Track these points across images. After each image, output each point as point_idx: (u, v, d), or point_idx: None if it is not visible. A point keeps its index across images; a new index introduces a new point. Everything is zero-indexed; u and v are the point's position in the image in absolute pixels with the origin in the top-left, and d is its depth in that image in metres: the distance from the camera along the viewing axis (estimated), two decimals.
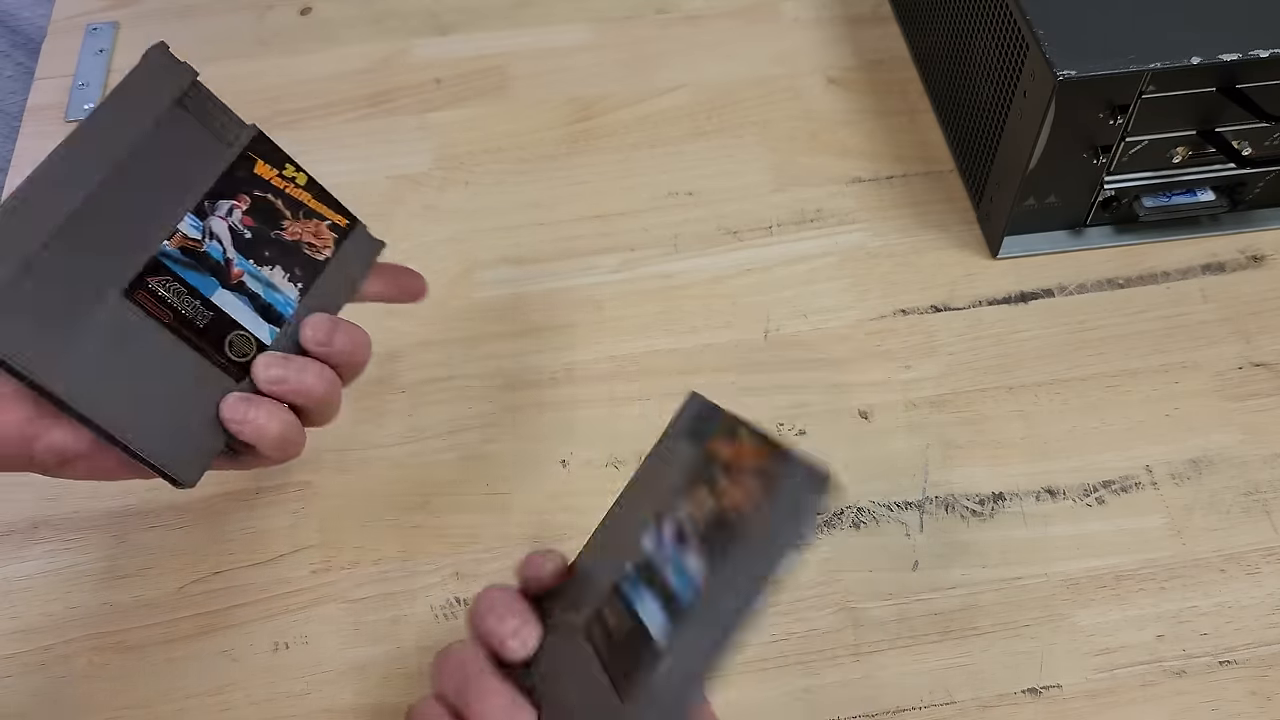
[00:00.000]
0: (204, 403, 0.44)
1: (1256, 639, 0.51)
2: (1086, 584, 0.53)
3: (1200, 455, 0.57)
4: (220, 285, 0.45)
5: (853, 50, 0.76)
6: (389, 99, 0.74)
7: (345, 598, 0.54)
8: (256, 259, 0.46)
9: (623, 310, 0.64)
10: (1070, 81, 0.55)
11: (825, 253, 0.66)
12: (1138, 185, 0.62)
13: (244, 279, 0.46)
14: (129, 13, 0.80)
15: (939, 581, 0.54)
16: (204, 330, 0.44)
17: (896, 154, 0.71)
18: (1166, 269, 0.64)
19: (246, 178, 0.46)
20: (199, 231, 0.45)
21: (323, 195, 0.49)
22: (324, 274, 0.48)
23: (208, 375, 0.44)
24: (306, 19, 0.79)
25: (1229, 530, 0.55)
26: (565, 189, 0.69)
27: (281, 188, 0.47)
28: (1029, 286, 0.64)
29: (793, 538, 0.35)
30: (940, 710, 0.50)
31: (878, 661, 0.51)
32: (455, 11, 0.79)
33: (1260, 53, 0.55)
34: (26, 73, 0.79)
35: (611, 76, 0.75)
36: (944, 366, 0.61)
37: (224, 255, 0.45)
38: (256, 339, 0.45)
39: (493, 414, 0.60)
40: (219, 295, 0.45)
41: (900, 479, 0.57)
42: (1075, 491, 0.56)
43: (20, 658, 0.52)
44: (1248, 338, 0.61)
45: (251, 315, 0.45)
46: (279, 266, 0.47)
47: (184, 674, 0.52)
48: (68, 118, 0.73)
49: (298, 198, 0.48)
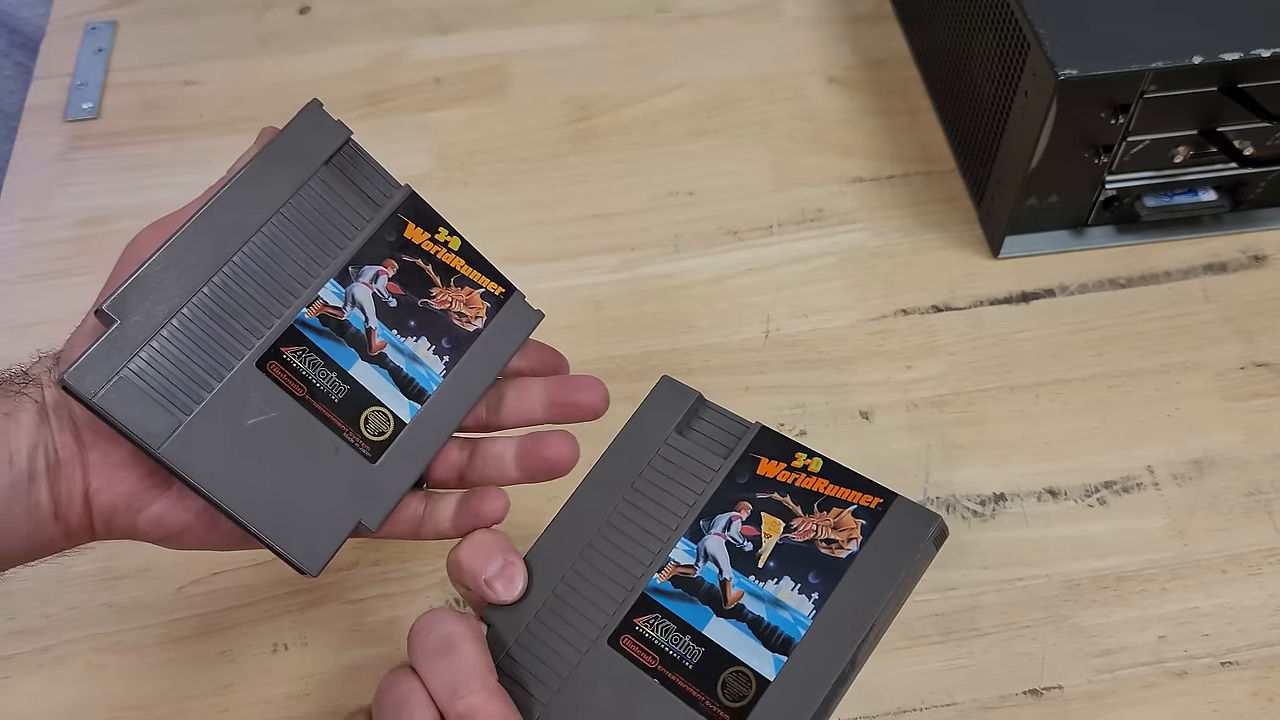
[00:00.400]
0: (335, 484, 0.41)
1: (1258, 640, 0.51)
2: (1088, 585, 0.53)
3: (1202, 456, 0.57)
4: (360, 357, 0.42)
5: (853, 50, 0.76)
6: (389, 98, 0.74)
7: (345, 598, 0.54)
8: (400, 329, 0.43)
9: (623, 310, 0.64)
10: (1072, 81, 0.55)
11: (826, 252, 0.66)
12: (1139, 185, 0.62)
13: (385, 350, 0.43)
14: (128, 12, 0.80)
15: (940, 582, 0.53)
16: (339, 405, 0.41)
17: (897, 153, 0.70)
18: (1168, 269, 0.64)
19: (395, 241, 0.44)
20: (340, 299, 0.42)
21: (477, 261, 0.45)
22: (474, 346, 0.44)
23: (340, 454, 0.41)
24: (306, 18, 0.79)
25: (1231, 531, 0.55)
26: (565, 189, 0.69)
27: (433, 252, 0.44)
28: (1030, 286, 0.64)
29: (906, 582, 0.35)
30: (941, 711, 0.50)
31: (878, 662, 0.51)
32: (455, 11, 0.79)
33: (1262, 52, 0.55)
34: (25, 72, 0.79)
35: (611, 76, 0.75)
36: (945, 366, 0.61)
37: (365, 325, 0.42)
38: (395, 416, 0.42)
39: None
40: (357, 368, 0.42)
41: (901, 479, 0.57)
42: (1077, 492, 0.56)
43: (19, 658, 0.52)
44: (1249, 338, 0.61)
45: (391, 390, 0.42)
46: (424, 337, 0.43)
47: (183, 675, 0.52)
48: (66, 117, 0.73)
49: (449, 263, 0.44)
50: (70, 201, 0.69)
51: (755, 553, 0.38)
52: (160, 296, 0.39)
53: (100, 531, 0.41)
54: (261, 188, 0.42)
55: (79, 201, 0.69)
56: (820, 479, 0.39)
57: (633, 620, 0.38)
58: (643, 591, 0.38)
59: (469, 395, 0.44)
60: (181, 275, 0.40)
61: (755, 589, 0.37)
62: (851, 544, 0.37)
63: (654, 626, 0.37)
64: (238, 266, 0.40)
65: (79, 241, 0.67)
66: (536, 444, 0.44)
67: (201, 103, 0.74)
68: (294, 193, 0.42)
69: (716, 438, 0.41)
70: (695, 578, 0.38)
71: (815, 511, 0.38)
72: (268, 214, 0.41)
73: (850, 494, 0.38)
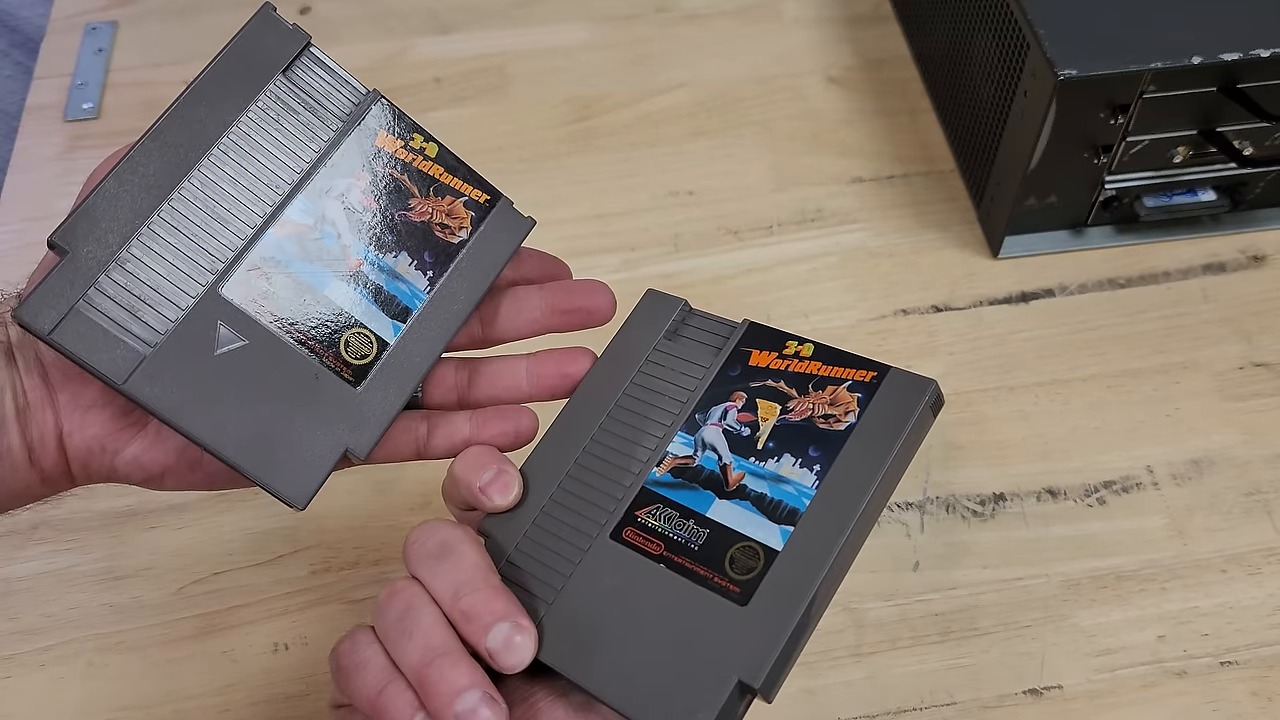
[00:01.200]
0: (317, 413, 0.38)
1: (1258, 640, 0.51)
2: (1087, 584, 0.53)
3: (1201, 455, 0.57)
4: (334, 276, 0.40)
5: (853, 50, 0.76)
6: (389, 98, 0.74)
7: (345, 598, 0.54)
8: (377, 244, 0.40)
9: (623, 310, 0.63)
10: (1071, 81, 0.55)
11: (826, 252, 0.66)
12: (1139, 185, 0.62)
13: (363, 268, 0.40)
14: (128, 12, 0.80)
15: (940, 582, 0.53)
16: (314, 329, 0.39)
17: (897, 154, 0.70)
18: (1167, 269, 0.64)
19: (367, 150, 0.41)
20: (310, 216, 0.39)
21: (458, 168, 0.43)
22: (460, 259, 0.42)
23: (320, 380, 0.39)
24: (306, 19, 0.79)
25: (1230, 531, 0.55)
26: (565, 189, 0.69)
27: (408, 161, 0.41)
28: (1030, 286, 0.64)
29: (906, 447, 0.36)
30: (941, 711, 0.50)
31: (879, 662, 0.51)
32: (455, 11, 0.79)
33: (1261, 52, 0.55)
34: (25, 72, 0.79)
35: (611, 76, 0.75)
36: (945, 366, 0.61)
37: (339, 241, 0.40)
38: (378, 336, 0.40)
39: None
40: (333, 288, 0.39)
41: (901, 479, 0.57)
42: (1076, 492, 0.56)
43: (20, 658, 0.52)
44: (1249, 338, 0.61)
45: (371, 309, 0.40)
46: (404, 252, 0.41)
47: (184, 674, 0.52)
48: (67, 117, 0.73)
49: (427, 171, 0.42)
50: (70, 201, 0.68)
51: (753, 436, 0.38)
52: (112, 223, 0.37)
53: (79, 476, 0.39)
54: (213, 104, 0.39)
55: None
56: (813, 361, 0.39)
57: (634, 513, 0.37)
58: (642, 485, 0.38)
59: (457, 311, 0.41)
60: (134, 200, 0.37)
61: (756, 469, 0.37)
62: (849, 416, 0.37)
63: (656, 516, 0.37)
64: (193, 187, 0.38)
65: None
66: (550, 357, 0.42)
67: None
68: (248, 106, 0.39)
69: (706, 340, 0.41)
70: (695, 466, 0.38)
71: (810, 391, 0.38)
72: (221, 130, 0.39)
73: (844, 371, 0.38)
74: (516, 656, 0.35)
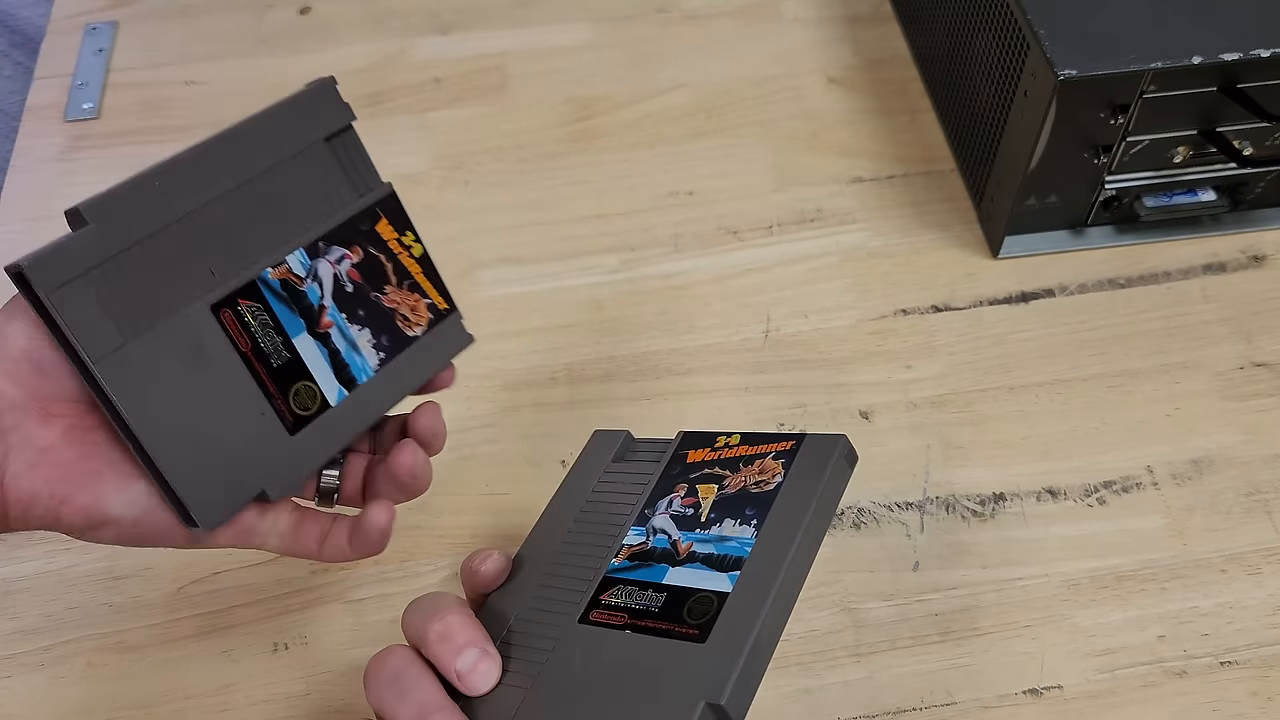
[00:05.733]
0: (250, 446, 0.41)
1: (1257, 639, 0.51)
2: (1087, 584, 0.53)
3: (1201, 455, 0.57)
4: (306, 330, 0.42)
5: (853, 50, 0.76)
6: (388, 98, 0.74)
7: (345, 598, 0.54)
8: (350, 315, 0.44)
9: (623, 310, 0.64)
10: (1071, 81, 0.55)
11: (825, 252, 0.66)
12: (1139, 185, 0.62)
13: (330, 331, 0.43)
14: (128, 12, 0.80)
15: (939, 582, 0.53)
16: (276, 370, 0.41)
17: (897, 154, 0.70)
18: (1167, 269, 0.64)
19: (367, 232, 0.45)
20: (304, 270, 0.43)
21: (431, 273, 0.46)
22: (407, 351, 0.45)
23: (264, 418, 0.41)
24: (306, 19, 0.79)
25: (1230, 531, 0.55)
26: (565, 189, 0.69)
27: (396, 253, 0.45)
28: (1030, 286, 0.64)
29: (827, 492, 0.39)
30: (941, 711, 0.50)
31: (878, 662, 0.51)
32: (455, 11, 0.79)
33: (1261, 52, 0.55)
34: (25, 72, 0.79)
35: (611, 76, 0.75)
36: (944, 366, 0.61)
37: (320, 300, 0.43)
38: (323, 395, 0.43)
39: (493, 414, 0.60)
40: (301, 339, 0.42)
41: (901, 479, 0.57)
42: (1076, 492, 0.56)
43: (20, 658, 0.52)
44: (1249, 338, 0.61)
45: (326, 370, 0.43)
46: (368, 329, 0.44)
47: (184, 674, 0.52)
48: (67, 117, 0.73)
49: (408, 267, 0.46)
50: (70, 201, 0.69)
51: (697, 513, 0.42)
52: (139, 214, 0.39)
53: (16, 522, 0.38)
54: (261, 140, 0.42)
55: None
56: (741, 446, 0.43)
57: (598, 597, 0.41)
58: (604, 574, 0.41)
59: (393, 394, 0.45)
60: (164, 200, 0.39)
61: (702, 536, 0.41)
62: (776, 478, 0.41)
63: (618, 595, 0.40)
64: (218, 207, 0.40)
65: None
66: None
67: (201, 103, 0.74)
68: (290, 156, 0.42)
69: (648, 456, 0.46)
70: (649, 548, 0.41)
71: (741, 469, 0.42)
72: (261, 166, 0.42)
73: (768, 446, 0.43)
74: (482, 678, 0.39)
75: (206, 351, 0.40)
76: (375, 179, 0.45)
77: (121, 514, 0.39)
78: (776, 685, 0.51)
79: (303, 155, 0.43)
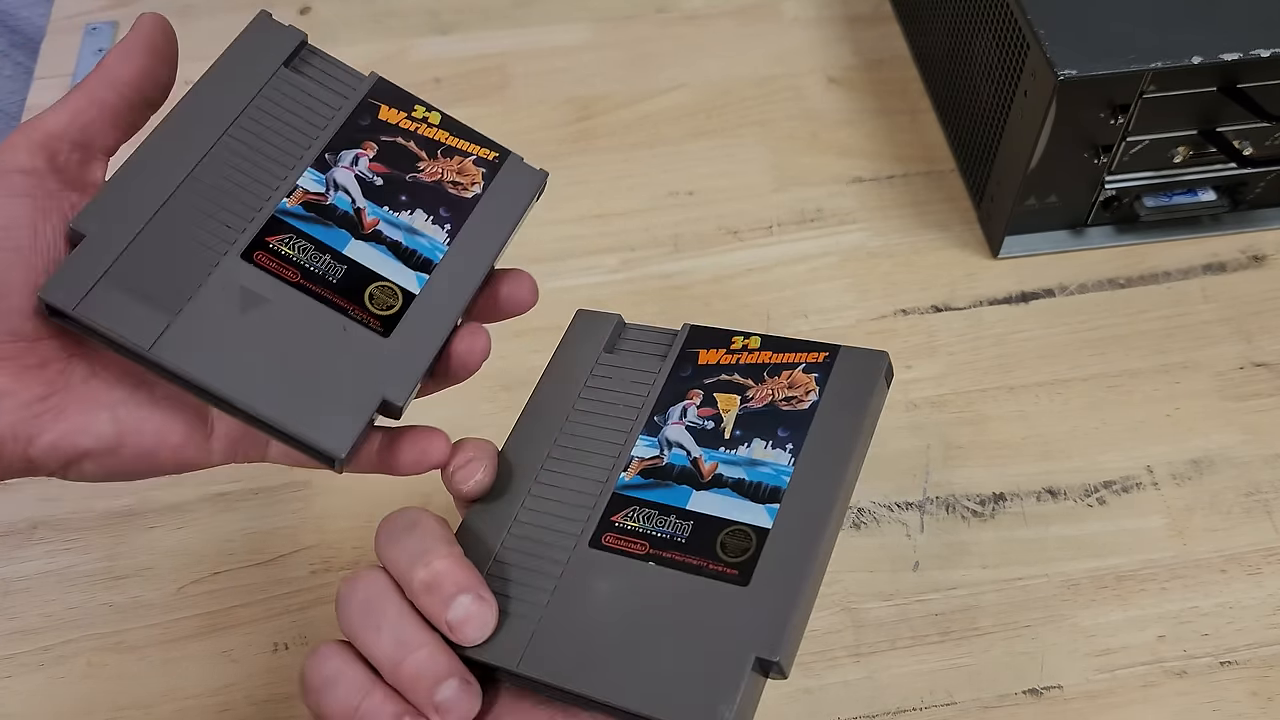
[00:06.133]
0: (349, 364, 0.38)
1: (1257, 639, 0.51)
2: (1087, 584, 0.53)
3: (1201, 455, 0.57)
4: (353, 237, 0.40)
5: (853, 50, 0.76)
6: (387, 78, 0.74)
7: None
8: (393, 205, 0.42)
9: (623, 310, 0.63)
10: (1071, 81, 0.55)
11: (825, 252, 0.66)
12: (1139, 185, 0.62)
13: (380, 227, 0.41)
14: (128, 12, 0.80)
15: (939, 582, 0.53)
16: (338, 285, 0.39)
17: (897, 154, 0.70)
18: (1167, 269, 0.64)
19: (370, 125, 0.43)
20: (322, 185, 0.41)
21: (463, 130, 0.44)
22: (476, 212, 0.42)
23: (348, 334, 0.39)
24: (306, 19, 0.79)
25: (1230, 531, 0.55)
26: (565, 189, 0.69)
27: (413, 129, 0.43)
28: (1030, 286, 0.64)
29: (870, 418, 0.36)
30: (941, 711, 0.50)
31: (878, 662, 0.51)
32: (455, 11, 0.79)
33: (1261, 52, 0.55)
34: (26, 72, 0.79)
35: (611, 76, 0.75)
36: (944, 366, 0.61)
37: (353, 205, 0.41)
38: (402, 288, 0.40)
39: (493, 414, 0.60)
40: (352, 247, 0.40)
41: (901, 479, 0.57)
42: (1076, 492, 0.56)
43: (20, 658, 0.52)
44: (1249, 338, 0.61)
45: (394, 264, 0.40)
46: (420, 210, 0.41)
47: (184, 674, 0.52)
48: None
49: (433, 137, 0.43)
50: None
51: (718, 428, 0.38)
52: (129, 206, 0.38)
53: None
54: (220, 96, 0.41)
55: None
56: (763, 351, 0.39)
57: (610, 519, 0.37)
58: (614, 492, 0.38)
59: (481, 259, 0.42)
60: (149, 183, 0.39)
61: (729, 457, 0.37)
62: (811, 395, 0.37)
63: (634, 518, 0.37)
64: (207, 168, 0.39)
65: None
66: None
67: None
68: (255, 94, 0.41)
69: (648, 349, 0.41)
70: (664, 465, 0.38)
71: (766, 379, 0.38)
72: (230, 117, 0.40)
73: (796, 356, 0.39)
74: (477, 629, 0.35)
75: (258, 298, 0.38)
76: (355, 76, 0.44)
77: (93, 445, 0.37)
78: (776, 685, 0.51)
79: (269, 87, 0.42)
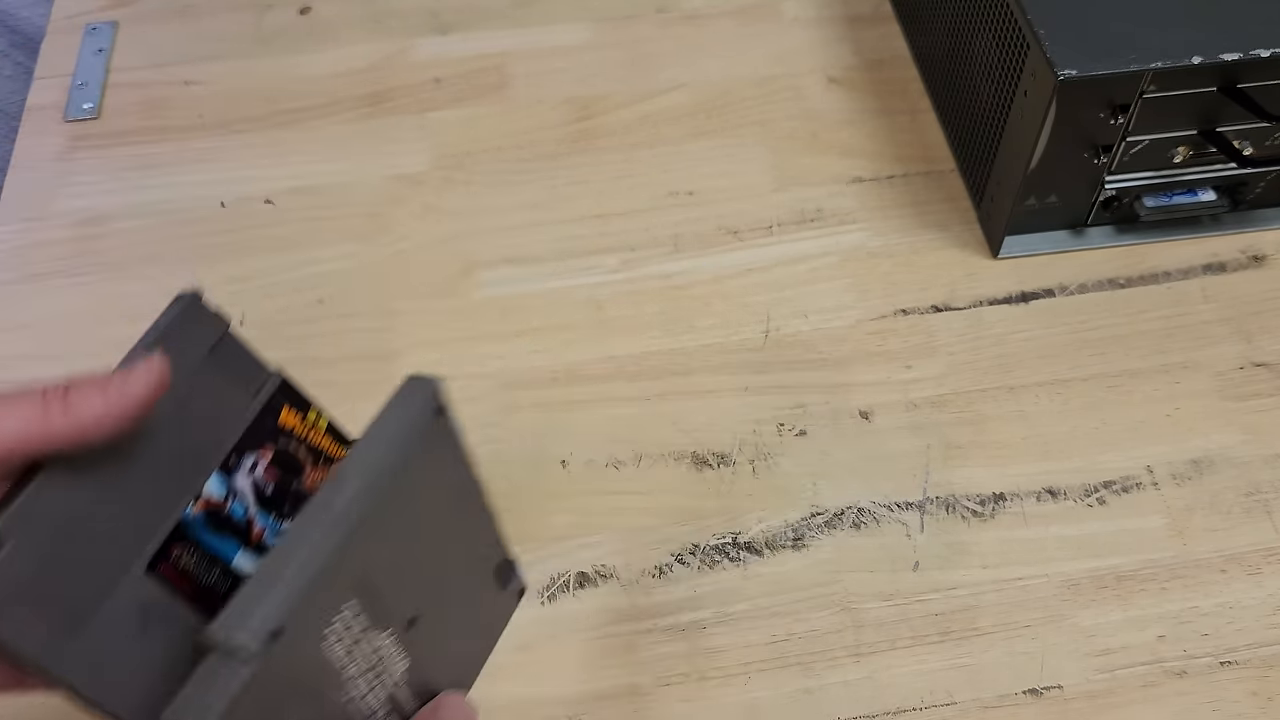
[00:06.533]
0: None
1: (1257, 639, 0.51)
2: (1087, 584, 0.53)
3: (1201, 456, 0.57)
4: (241, 547, 0.42)
5: (853, 50, 0.76)
6: (388, 99, 0.74)
7: None
8: (278, 513, 0.43)
9: (623, 310, 0.64)
10: (1071, 81, 0.55)
11: (825, 252, 0.66)
12: (1139, 185, 0.62)
13: (265, 538, 0.42)
14: (128, 12, 0.80)
15: (939, 582, 0.53)
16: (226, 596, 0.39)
17: (897, 153, 0.70)
18: (1167, 269, 0.64)
19: (273, 428, 0.43)
20: (223, 491, 0.41)
21: (340, 439, 0.45)
22: None
23: None
24: (306, 19, 0.79)
25: (1230, 531, 0.55)
26: (565, 189, 0.69)
27: (304, 436, 0.44)
28: (1030, 286, 0.64)
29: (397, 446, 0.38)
30: (941, 711, 0.50)
31: (878, 662, 0.51)
32: (455, 11, 0.79)
33: (1261, 52, 0.55)
34: (25, 72, 0.79)
35: (611, 76, 0.75)
36: (944, 366, 0.61)
37: (246, 514, 0.42)
38: None
39: (493, 414, 0.60)
40: (240, 558, 0.41)
41: (901, 479, 0.57)
42: (1076, 492, 0.56)
43: None
44: (1249, 338, 0.61)
45: None
46: None
47: None
48: (67, 117, 0.73)
49: (317, 444, 0.44)
50: (70, 201, 0.69)
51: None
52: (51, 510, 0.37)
53: None
54: None
55: (79, 201, 0.69)
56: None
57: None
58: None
59: None
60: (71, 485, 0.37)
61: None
62: None
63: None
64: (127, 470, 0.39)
65: (79, 241, 0.67)
66: None
67: (201, 103, 0.74)
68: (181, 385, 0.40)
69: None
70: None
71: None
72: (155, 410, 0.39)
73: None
74: None
75: (152, 613, 0.39)
76: (264, 371, 0.43)
77: None
78: (777, 685, 0.51)
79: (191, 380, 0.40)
